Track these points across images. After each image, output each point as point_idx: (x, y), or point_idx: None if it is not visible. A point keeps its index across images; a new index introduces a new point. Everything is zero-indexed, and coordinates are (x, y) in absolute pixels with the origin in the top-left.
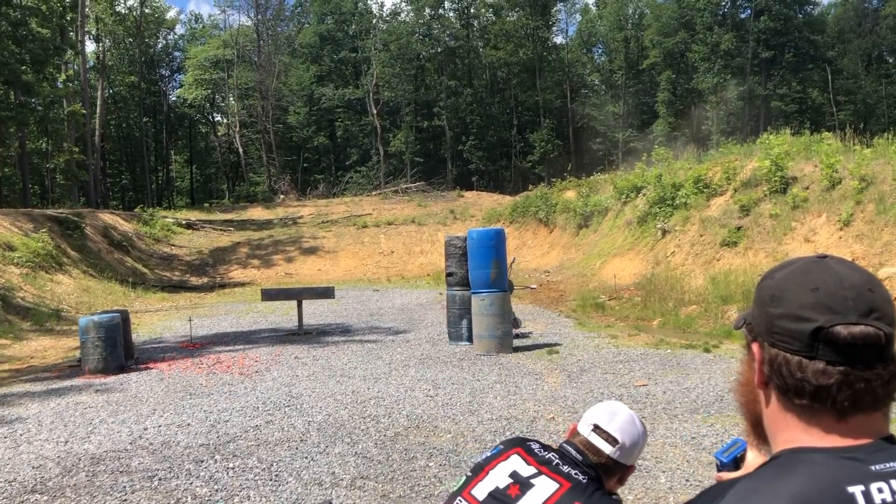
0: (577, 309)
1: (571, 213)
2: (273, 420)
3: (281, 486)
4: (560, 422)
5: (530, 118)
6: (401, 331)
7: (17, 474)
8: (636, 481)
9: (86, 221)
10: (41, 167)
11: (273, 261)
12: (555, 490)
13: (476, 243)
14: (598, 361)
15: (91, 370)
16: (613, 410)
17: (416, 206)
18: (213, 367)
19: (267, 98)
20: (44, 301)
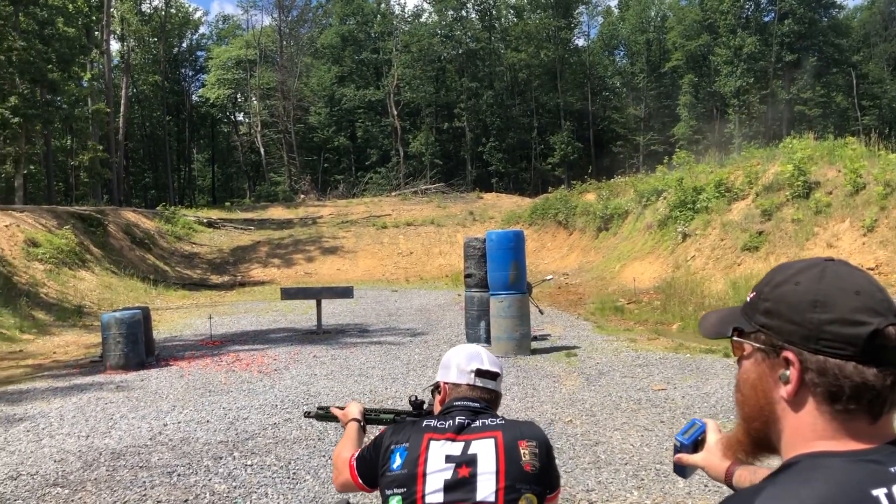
0: (596, 312)
1: (591, 216)
2: (291, 418)
3: (298, 485)
4: (578, 424)
5: (551, 120)
6: (419, 332)
7: (39, 467)
8: (654, 485)
9: (109, 219)
10: (66, 165)
11: (293, 260)
12: (495, 446)
13: (495, 245)
14: (617, 365)
15: (112, 366)
16: (474, 352)
17: (435, 207)
18: (232, 365)
19: (288, 98)
20: (67, 297)
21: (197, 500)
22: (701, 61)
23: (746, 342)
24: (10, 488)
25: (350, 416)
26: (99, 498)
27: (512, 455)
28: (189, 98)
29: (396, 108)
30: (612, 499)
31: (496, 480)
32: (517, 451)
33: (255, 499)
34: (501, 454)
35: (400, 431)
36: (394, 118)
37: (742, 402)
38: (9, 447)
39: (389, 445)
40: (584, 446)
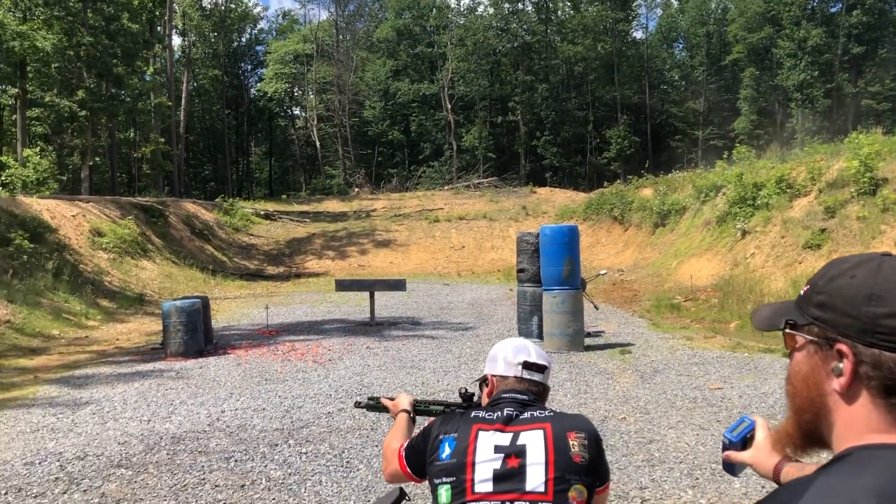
0: (652, 309)
1: (647, 212)
2: (345, 408)
3: (352, 473)
4: (632, 422)
5: (607, 114)
6: (470, 326)
7: (104, 449)
8: (709, 485)
9: (169, 210)
10: (129, 157)
11: (347, 252)
12: (543, 437)
13: (549, 240)
14: (672, 363)
15: (172, 353)
16: (521, 345)
17: (487, 201)
18: (287, 355)
19: (344, 92)
20: (129, 286)
21: (253, 485)
22: (763, 54)
23: (799, 334)
24: (79, 467)
25: (400, 407)
26: (160, 480)
27: (561, 446)
28: (247, 92)
29: (450, 102)
30: (666, 497)
31: (545, 471)
32: (566, 443)
33: (310, 486)
34: (550, 445)
35: (449, 422)
36: (447, 112)
37: (793, 394)
38: (76, 428)
39: (438, 435)
40: (638, 444)
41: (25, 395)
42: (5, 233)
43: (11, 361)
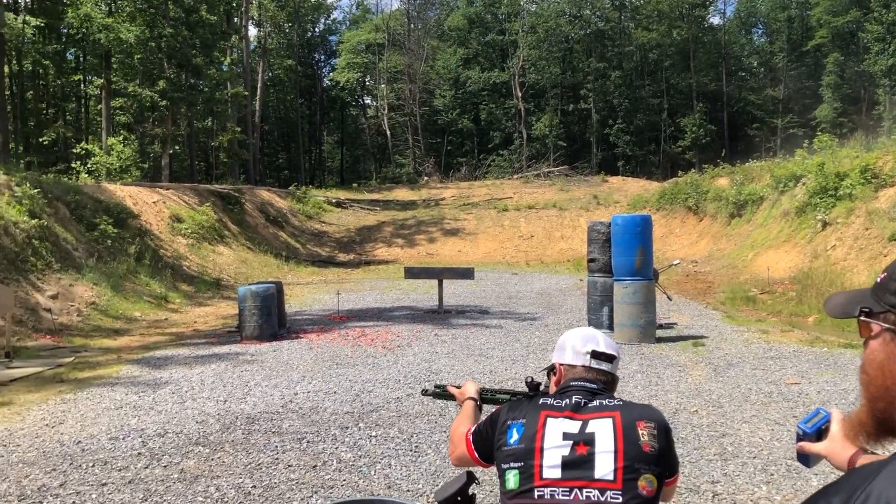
0: (726, 302)
1: (723, 202)
2: (413, 393)
3: (420, 458)
4: (704, 415)
5: (682, 101)
6: (539, 315)
7: (183, 427)
8: (784, 481)
9: (245, 197)
10: (206, 145)
11: (415, 241)
12: (613, 425)
13: (621, 229)
14: (747, 356)
15: (247, 336)
16: (590, 334)
17: (557, 190)
18: (357, 340)
19: (414, 81)
20: (206, 270)
21: (325, 466)
22: (849, 39)
23: (875, 322)
24: (159, 444)
25: (466, 395)
26: (236, 458)
27: (630, 435)
28: (320, 82)
29: (521, 90)
30: (739, 492)
31: (614, 459)
32: (635, 432)
33: (379, 469)
34: (620, 434)
35: (517, 408)
36: (518, 100)
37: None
38: (157, 407)
39: (506, 421)
40: (710, 437)
41: (109, 373)
42: (91, 218)
43: (96, 342)
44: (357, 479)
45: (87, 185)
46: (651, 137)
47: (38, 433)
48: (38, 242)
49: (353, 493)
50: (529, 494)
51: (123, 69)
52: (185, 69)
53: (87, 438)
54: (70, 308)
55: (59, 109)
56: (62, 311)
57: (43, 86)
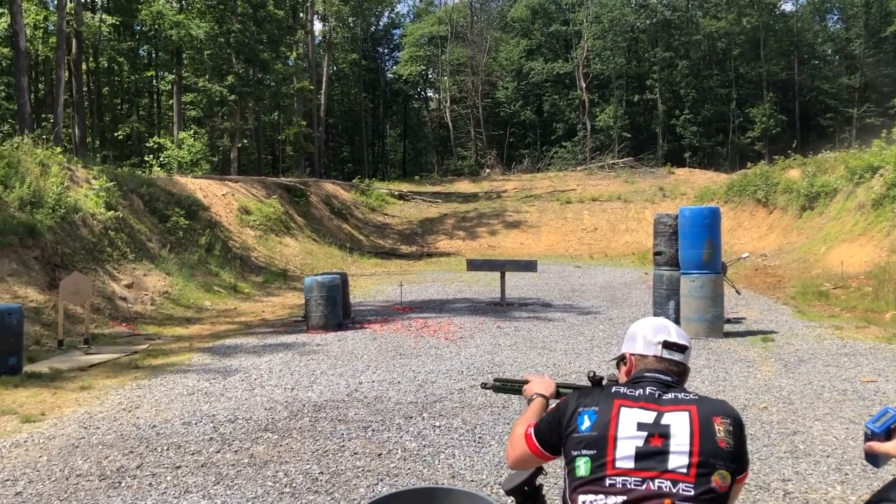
0: (797, 296)
1: (794, 194)
2: (476, 385)
3: (484, 449)
4: (774, 412)
5: (751, 91)
6: (603, 309)
7: (252, 413)
8: (860, 482)
9: (310, 190)
10: (273, 139)
11: (477, 233)
12: (689, 419)
13: (688, 222)
14: (819, 352)
15: (313, 326)
16: (661, 324)
17: (622, 182)
18: (420, 331)
19: (477, 73)
20: (273, 261)
21: (389, 455)
22: None
23: None
24: (230, 429)
25: (534, 391)
26: (303, 445)
27: (706, 430)
28: (384, 75)
29: (585, 81)
30: (812, 491)
31: (689, 453)
32: (712, 427)
33: (443, 459)
34: (696, 428)
35: (588, 395)
36: (581, 91)
37: None
38: (227, 393)
39: (577, 408)
40: (781, 434)
41: (181, 361)
42: (164, 210)
43: (169, 330)
44: (421, 468)
45: (159, 177)
46: (719, 128)
47: (116, 416)
48: (115, 233)
49: (417, 482)
50: (601, 483)
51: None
52: (252, 64)
53: (162, 423)
54: (144, 297)
55: (132, 105)
56: (136, 300)
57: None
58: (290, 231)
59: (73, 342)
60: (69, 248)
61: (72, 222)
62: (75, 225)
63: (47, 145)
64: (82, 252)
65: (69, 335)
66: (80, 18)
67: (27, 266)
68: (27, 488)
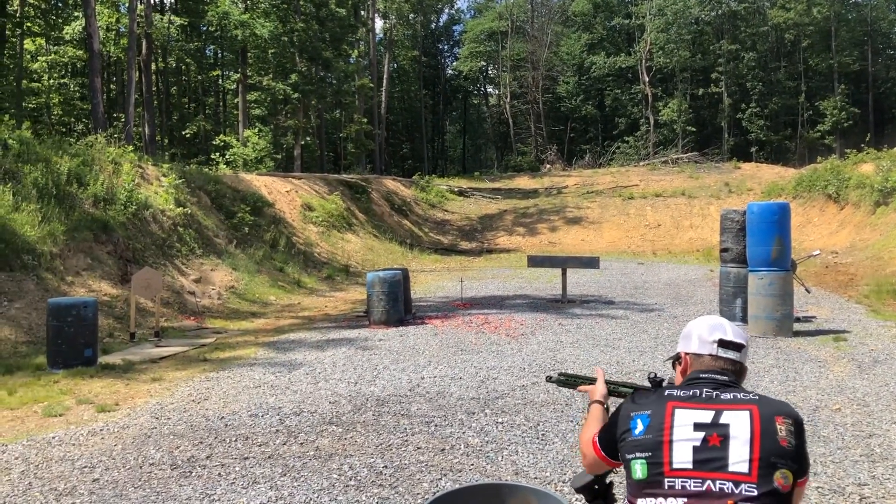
0: (871, 295)
1: (867, 189)
2: (539, 382)
3: (547, 446)
4: (848, 414)
5: (821, 83)
6: (667, 306)
7: (317, 406)
8: None
9: (371, 186)
10: (335, 136)
11: (537, 229)
12: (750, 418)
13: (757, 218)
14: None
15: (375, 321)
16: (717, 322)
17: (686, 177)
18: (481, 327)
19: (538, 69)
20: (335, 257)
21: (452, 450)
22: None
23: None
24: (296, 422)
25: (595, 397)
26: (367, 439)
27: (768, 429)
28: (444, 72)
29: (648, 75)
30: (890, 496)
31: (750, 451)
32: (774, 426)
33: (506, 455)
34: (757, 426)
35: (640, 399)
36: (644, 85)
37: None
38: (292, 387)
39: (630, 413)
40: (855, 437)
41: (248, 354)
42: (230, 206)
43: (235, 324)
44: (485, 464)
45: (225, 175)
46: (787, 122)
47: (186, 408)
48: (183, 229)
49: (480, 478)
50: (659, 485)
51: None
52: (315, 62)
53: (230, 414)
54: (211, 291)
55: (199, 104)
56: (204, 295)
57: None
58: (352, 227)
59: (144, 335)
60: (140, 243)
61: (143, 218)
62: (146, 221)
63: (119, 144)
64: (152, 247)
65: (140, 328)
66: (150, 20)
67: (101, 261)
68: (104, 475)
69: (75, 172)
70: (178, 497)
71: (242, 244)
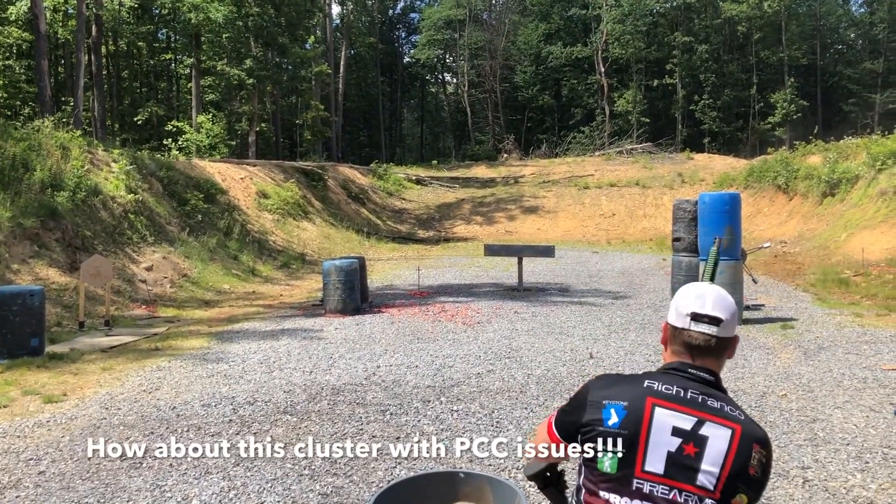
0: (817, 283)
1: (815, 181)
2: (494, 370)
3: (502, 433)
4: (793, 399)
5: (772, 76)
6: (621, 294)
7: (271, 396)
8: (880, 470)
9: (328, 174)
10: (291, 123)
11: (494, 218)
12: (730, 437)
13: (708, 208)
14: (839, 340)
15: (331, 310)
16: (699, 293)
17: (640, 168)
18: (438, 315)
19: (495, 58)
20: (291, 245)
21: (408, 438)
22: None
23: None
24: (249, 411)
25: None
26: (322, 427)
27: (744, 454)
28: (401, 59)
29: (604, 65)
30: (831, 479)
31: (720, 470)
32: (749, 452)
33: (461, 443)
34: (734, 449)
35: (614, 386)
36: (601, 75)
37: None
38: (246, 376)
39: (602, 400)
40: (800, 422)
41: (201, 343)
42: (182, 193)
43: (188, 312)
44: (439, 452)
45: (178, 161)
46: (739, 114)
47: (137, 398)
48: (134, 216)
49: (436, 466)
50: (627, 484)
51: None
52: (270, 48)
53: (182, 404)
54: (163, 279)
55: (151, 88)
56: (156, 283)
57: (136, 65)
58: (308, 215)
59: (94, 324)
60: (90, 230)
61: (92, 205)
62: (96, 208)
63: (68, 128)
64: (103, 234)
65: (90, 317)
66: (100, 1)
67: (48, 248)
68: (50, 467)
69: (21, 157)
70: (128, 489)
71: (196, 232)
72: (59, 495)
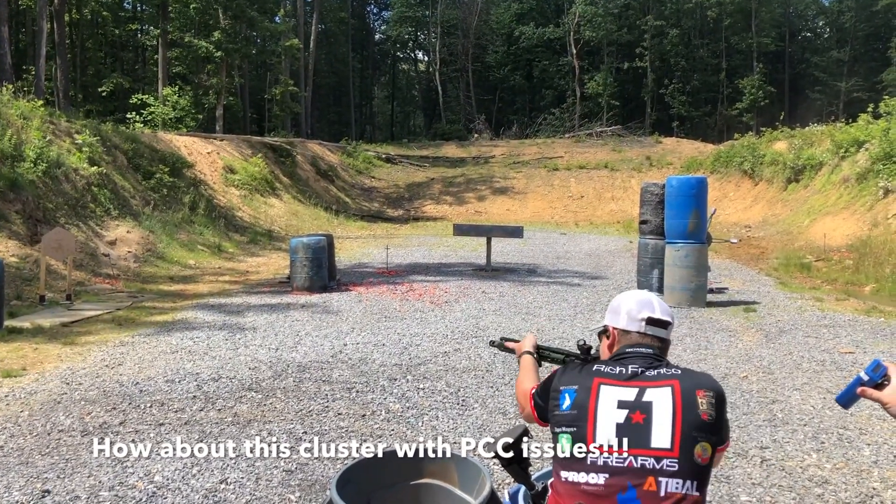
0: (780, 268)
1: (780, 166)
2: (461, 349)
3: (467, 411)
4: (754, 381)
5: (741, 62)
6: (588, 276)
7: (236, 373)
8: (836, 450)
9: (297, 150)
10: (259, 98)
11: (464, 198)
12: (672, 393)
13: (675, 191)
14: (800, 323)
15: (298, 287)
16: (646, 299)
17: (610, 150)
18: (406, 294)
19: (468, 36)
20: (258, 221)
21: (373, 415)
22: None
23: None
24: (213, 388)
25: (523, 349)
26: (287, 405)
27: (690, 403)
28: (372, 35)
29: (575, 47)
30: (788, 458)
31: (672, 427)
32: (695, 400)
33: (427, 420)
34: (679, 402)
35: (569, 374)
36: (572, 57)
37: None
38: (211, 352)
39: (559, 388)
40: (760, 403)
41: (165, 319)
42: (147, 167)
43: (152, 287)
44: (405, 429)
45: (143, 134)
46: (707, 98)
47: (99, 373)
48: (98, 189)
49: (401, 444)
50: (582, 460)
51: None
52: (239, 20)
53: (145, 380)
54: (127, 254)
55: (116, 59)
56: (120, 257)
57: (101, 35)
58: (276, 191)
59: (56, 298)
60: (52, 202)
61: (54, 177)
62: (58, 179)
63: (29, 98)
64: (65, 207)
65: (51, 291)
66: None
67: (8, 220)
68: (8, 442)
69: None
70: (89, 464)
71: (160, 206)
72: (18, 470)
